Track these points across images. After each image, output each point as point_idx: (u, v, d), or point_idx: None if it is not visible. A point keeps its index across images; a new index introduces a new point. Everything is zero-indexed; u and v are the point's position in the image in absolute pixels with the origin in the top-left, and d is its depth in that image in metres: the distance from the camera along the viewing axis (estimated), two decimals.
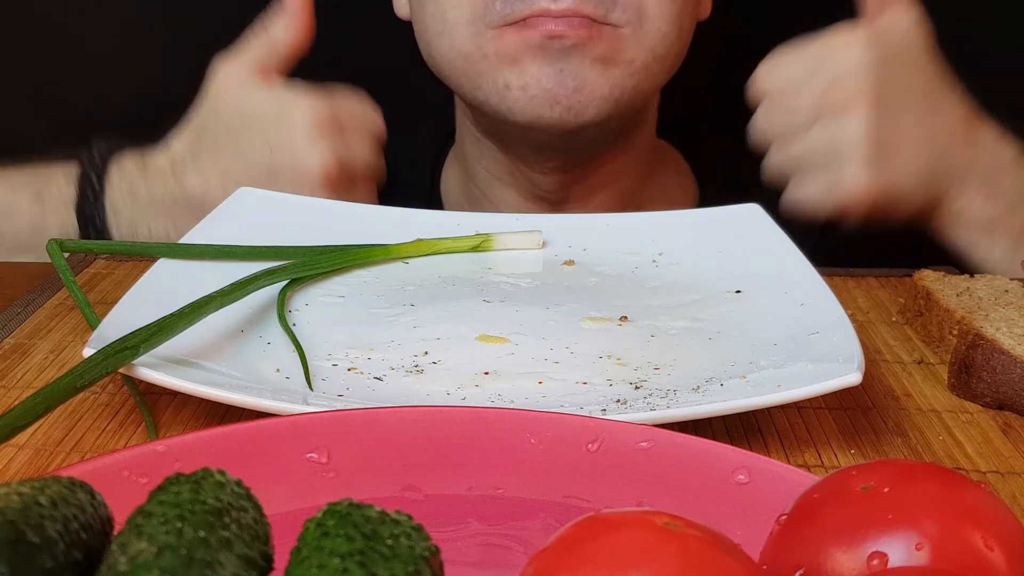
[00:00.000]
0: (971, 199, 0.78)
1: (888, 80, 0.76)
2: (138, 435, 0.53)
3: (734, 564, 0.29)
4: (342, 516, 0.30)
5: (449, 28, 0.82)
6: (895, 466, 0.34)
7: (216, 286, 0.59)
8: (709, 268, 0.70)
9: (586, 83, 0.79)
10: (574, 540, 0.30)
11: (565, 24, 0.78)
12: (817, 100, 0.77)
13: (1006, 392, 0.56)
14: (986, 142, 0.79)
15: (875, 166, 0.76)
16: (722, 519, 0.36)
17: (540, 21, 0.78)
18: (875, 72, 0.76)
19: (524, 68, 0.80)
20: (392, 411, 0.45)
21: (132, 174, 0.83)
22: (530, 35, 0.78)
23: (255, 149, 0.81)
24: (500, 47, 0.80)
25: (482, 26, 0.80)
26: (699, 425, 0.52)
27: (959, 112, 0.78)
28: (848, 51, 0.77)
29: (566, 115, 0.80)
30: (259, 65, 0.82)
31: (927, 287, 0.66)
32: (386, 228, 0.75)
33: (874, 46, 0.77)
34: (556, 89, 0.79)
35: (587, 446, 0.43)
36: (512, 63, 0.80)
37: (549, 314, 0.64)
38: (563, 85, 0.79)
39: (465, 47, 0.81)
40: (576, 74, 0.79)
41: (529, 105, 0.80)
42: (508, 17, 0.79)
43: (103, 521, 0.31)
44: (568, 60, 0.79)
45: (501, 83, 0.81)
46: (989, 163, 0.78)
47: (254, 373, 0.55)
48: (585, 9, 0.77)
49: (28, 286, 0.71)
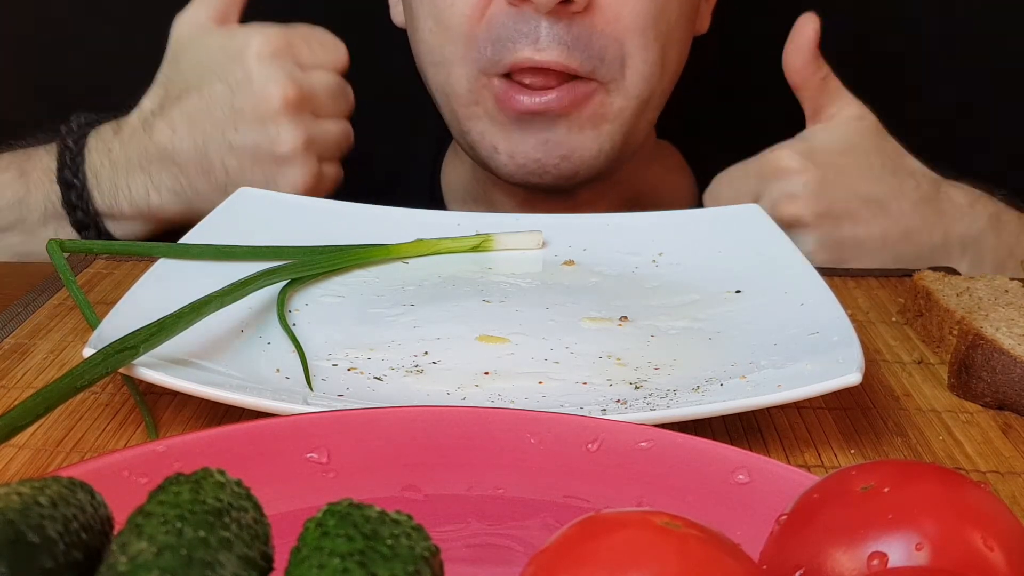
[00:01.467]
0: (957, 267, 0.78)
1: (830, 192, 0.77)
2: (138, 435, 0.53)
3: (734, 564, 0.29)
4: (342, 516, 0.30)
5: (445, 63, 0.82)
6: (895, 466, 0.34)
7: (216, 286, 0.59)
8: (709, 268, 0.70)
9: (574, 150, 0.80)
10: (574, 540, 0.30)
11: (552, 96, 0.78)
12: None
13: (1006, 392, 0.56)
14: (957, 213, 0.79)
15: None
16: (722, 519, 0.36)
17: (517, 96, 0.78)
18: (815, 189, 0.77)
19: (510, 136, 0.80)
20: (392, 411, 0.45)
21: (108, 138, 0.84)
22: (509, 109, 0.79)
23: (216, 91, 0.81)
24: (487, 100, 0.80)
25: (475, 69, 0.80)
26: (699, 425, 0.52)
27: (919, 193, 0.78)
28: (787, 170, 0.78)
29: (556, 181, 0.82)
30: (216, 11, 0.83)
31: (927, 287, 0.66)
32: (386, 228, 0.75)
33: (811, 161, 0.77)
34: (544, 159, 0.80)
35: (587, 446, 0.43)
36: (500, 128, 0.80)
37: (549, 314, 0.64)
38: (550, 155, 0.80)
39: (459, 87, 0.82)
40: (563, 143, 0.80)
41: (518, 172, 0.82)
42: (494, 64, 0.78)
43: (103, 521, 0.31)
44: (554, 129, 0.80)
45: (489, 143, 0.81)
46: (966, 232, 0.78)
47: (254, 373, 0.55)
48: (571, 64, 0.77)
49: (28, 286, 0.71)
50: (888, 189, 0.78)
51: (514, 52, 0.77)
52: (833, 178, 0.77)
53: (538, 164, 0.80)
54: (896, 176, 0.78)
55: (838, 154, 0.78)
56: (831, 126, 0.80)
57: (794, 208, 0.77)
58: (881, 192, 0.78)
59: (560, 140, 0.80)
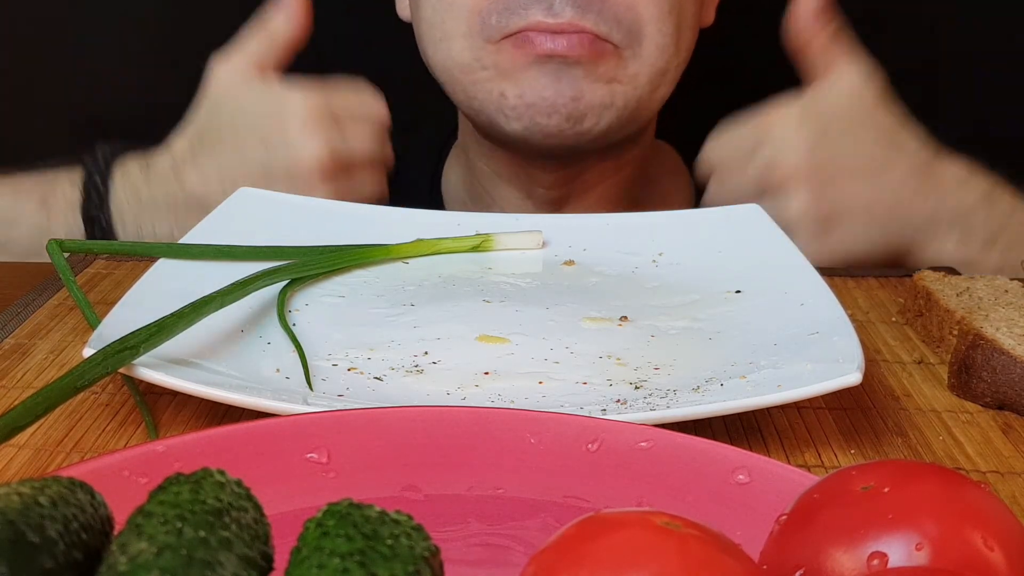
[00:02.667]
0: (943, 243, 0.78)
1: (827, 151, 0.77)
2: (138, 435, 0.53)
3: (734, 564, 0.29)
4: (342, 516, 0.30)
5: (447, 37, 0.81)
6: (895, 466, 0.34)
7: (216, 286, 0.59)
8: (709, 268, 0.70)
9: (584, 93, 0.79)
10: (574, 540, 0.30)
11: (565, 43, 0.77)
12: (759, 177, 0.78)
13: (1006, 392, 0.56)
14: (951, 185, 0.79)
15: (820, 238, 0.77)
16: (722, 519, 0.36)
17: (538, 37, 0.77)
18: (812, 146, 0.77)
19: (520, 78, 0.79)
20: (392, 411, 0.45)
21: (135, 176, 0.83)
22: (527, 52, 0.78)
23: (251, 145, 0.81)
24: (497, 60, 0.80)
25: (479, 39, 0.80)
26: (699, 425, 0.52)
27: (914, 162, 0.78)
28: (784, 128, 0.78)
29: (564, 124, 0.80)
30: (256, 61, 0.83)
31: (927, 287, 0.66)
32: (386, 228, 0.75)
33: (809, 121, 0.77)
34: (554, 98, 0.79)
35: (587, 446, 0.43)
36: (508, 76, 0.80)
37: (549, 314, 0.64)
38: (561, 94, 0.79)
39: (462, 58, 0.81)
40: (575, 86, 0.79)
41: (526, 113, 0.79)
42: (504, 30, 0.78)
43: (103, 521, 0.31)
44: (568, 73, 0.78)
45: (496, 92, 0.80)
46: (957, 206, 0.78)
47: (254, 373, 0.55)
48: (585, 24, 0.77)
49: (28, 286, 0.71)
50: (883, 157, 0.78)
51: (526, 17, 0.77)
52: (831, 139, 0.77)
53: (548, 102, 0.79)
54: (892, 145, 0.79)
55: (837, 117, 0.78)
56: (833, 88, 0.79)
57: (790, 165, 0.77)
58: (876, 160, 0.78)
59: (573, 82, 0.79)
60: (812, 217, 0.77)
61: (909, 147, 0.79)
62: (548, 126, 0.80)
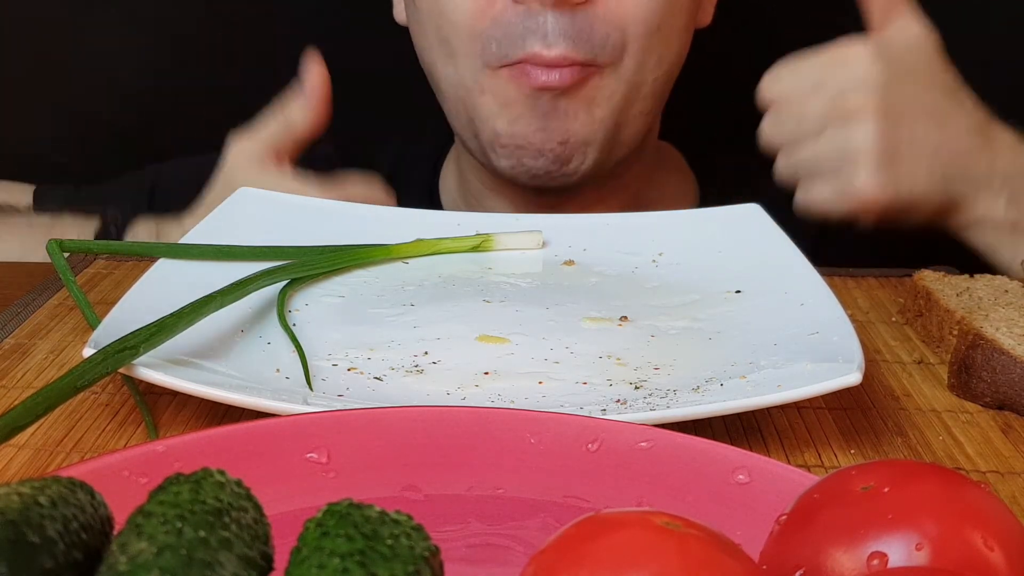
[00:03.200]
0: (993, 204, 0.78)
1: (897, 92, 0.77)
2: (138, 435, 0.53)
3: (734, 564, 0.29)
4: (342, 516, 0.30)
5: (454, 55, 0.82)
6: (895, 466, 0.34)
7: (216, 286, 0.59)
8: (709, 268, 0.70)
9: (570, 135, 0.81)
10: (574, 540, 0.30)
11: (558, 77, 0.79)
12: (825, 109, 0.77)
13: (1006, 392, 0.56)
14: (1003, 148, 0.79)
15: (886, 172, 0.76)
16: (722, 519, 0.36)
17: (534, 71, 0.79)
18: (883, 84, 0.76)
19: (514, 116, 0.81)
20: (392, 411, 0.45)
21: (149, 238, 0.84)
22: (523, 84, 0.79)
23: None
24: (495, 86, 0.81)
25: (480, 62, 0.81)
26: (699, 425, 0.52)
27: (972, 120, 0.79)
28: (856, 63, 0.77)
29: (551, 166, 0.82)
30: (273, 147, 0.83)
31: (927, 287, 0.66)
32: (386, 228, 0.75)
33: (882, 58, 0.77)
34: (542, 143, 0.81)
35: (587, 446, 0.43)
36: (505, 108, 0.81)
37: (549, 314, 0.64)
38: (549, 139, 0.81)
39: (465, 79, 0.82)
40: (563, 128, 0.81)
41: (515, 153, 0.82)
42: (503, 60, 0.79)
43: (103, 521, 0.31)
44: (557, 111, 0.80)
45: (491, 128, 0.82)
46: (1008, 168, 0.79)
47: (254, 373, 0.55)
48: (577, 56, 0.78)
49: (28, 286, 0.71)
50: (950, 104, 0.78)
51: (523, 48, 0.78)
52: (902, 77, 0.77)
53: (535, 147, 0.81)
54: (956, 96, 0.79)
55: (908, 58, 0.78)
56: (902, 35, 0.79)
57: (860, 97, 0.77)
58: (942, 106, 0.78)
59: (561, 122, 0.81)
60: (880, 149, 0.76)
61: (968, 104, 0.79)
62: (535, 167, 0.82)
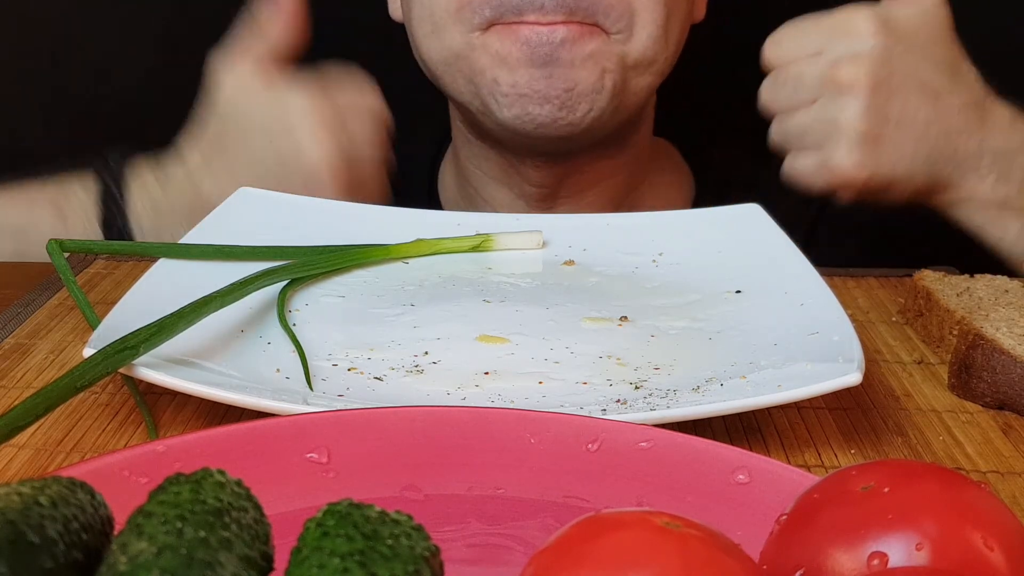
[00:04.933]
0: (982, 181, 0.78)
1: (894, 64, 0.77)
2: (138, 435, 0.53)
3: (734, 564, 0.29)
4: (342, 516, 0.30)
5: (437, 28, 0.82)
6: (895, 466, 0.34)
7: (216, 286, 0.59)
8: (709, 268, 0.70)
9: (576, 82, 0.80)
10: (574, 540, 0.30)
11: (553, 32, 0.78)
12: (820, 76, 0.77)
13: (1006, 392, 0.56)
14: (998, 125, 0.79)
15: (866, 150, 0.76)
16: (722, 519, 0.36)
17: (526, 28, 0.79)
18: (880, 57, 0.76)
19: (514, 68, 0.80)
20: (392, 411, 0.45)
21: (151, 186, 0.84)
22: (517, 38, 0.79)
23: (263, 152, 0.82)
24: (487, 42, 0.80)
25: (468, 26, 0.81)
26: (699, 425, 0.52)
27: (970, 96, 0.79)
28: (858, 31, 0.77)
29: (557, 113, 0.80)
30: (260, 63, 0.83)
31: (927, 287, 0.66)
32: (386, 228, 0.75)
33: (884, 29, 0.77)
34: (546, 89, 0.80)
35: (587, 446, 0.43)
36: (501, 62, 0.80)
37: (549, 314, 0.64)
38: (553, 87, 0.80)
39: (455, 45, 0.82)
40: (566, 76, 0.80)
41: (519, 101, 0.80)
42: (495, 21, 0.79)
43: (103, 521, 0.31)
44: (558, 63, 0.79)
45: (490, 78, 0.81)
46: (1001, 145, 0.78)
47: (254, 373, 0.55)
48: (574, 18, 0.78)
49: (28, 286, 0.71)
50: (946, 80, 0.78)
51: (519, 14, 0.79)
52: (901, 52, 0.77)
53: (540, 94, 0.80)
54: (954, 73, 0.79)
55: (912, 30, 0.78)
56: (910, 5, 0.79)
57: (854, 70, 0.76)
58: (938, 83, 0.78)
59: (564, 73, 0.80)
60: (865, 125, 0.76)
61: (968, 79, 0.79)
62: (540, 115, 0.81)
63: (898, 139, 0.77)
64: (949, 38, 0.79)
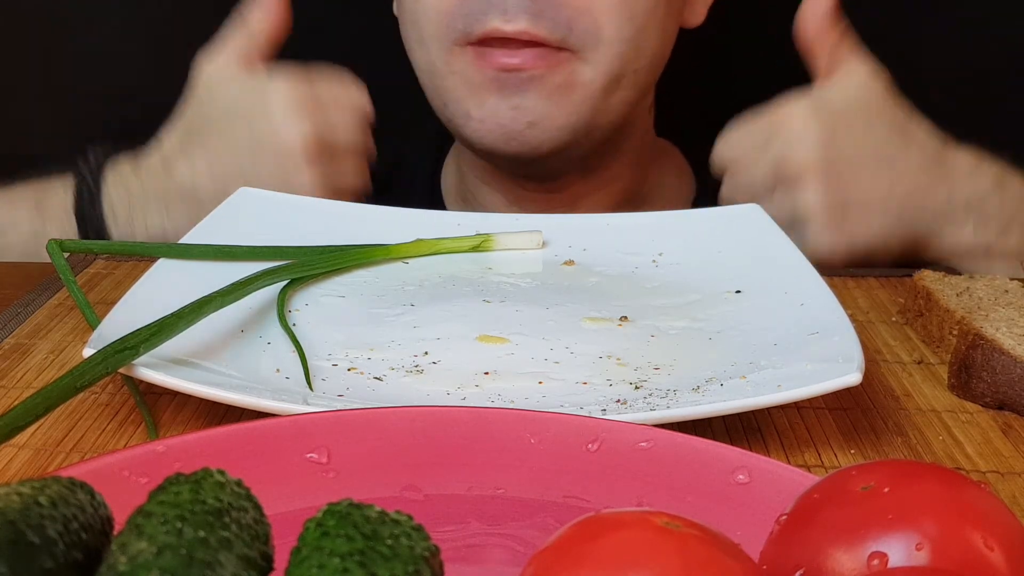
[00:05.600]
0: (959, 231, 0.79)
1: (840, 144, 0.78)
2: (138, 435, 0.53)
3: (734, 564, 0.29)
4: (342, 516, 0.30)
5: (423, 40, 0.83)
6: (895, 466, 0.34)
7: (216, 286, 0.59)
8: (709, 268, 0.70)
9: (541, 118, 0.81)
10: (574, 540, 0.30)
11: (520, 59, 0.79)
12: (772, 171, 0.78)
13: (1006, 392, 0.56)
14: (963, 173, 0.79)
15: (836, 228, 0.77)
16: (722, 519, 0.36)
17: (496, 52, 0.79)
18: (824, 140, 0.77)
19: (483, 99, 0.81)
20: (392, 411, 0.45)
21: (126, 174, 0.84)
22: (487, 64, 0.80)
23: (238, 133, 0.82)
24: (463, 67, 0.81)
25: (448, 42, 0.81)
26: (699, 425, 0.52)
27: (926, 153, 0.79)
28: (797, 121, 0.78)
29: (521, 149, 0.82)
30: (241, 55, 0.83)
31: (927, 287, 0.66)
32: (386, 228, 0.75)
33: (822, 113, 0.78)
34: (511, 125, 0.81)
35: (587, 446, 0.43)
36: (473, 91, 0.81)
37: (549, 314, 0.64)
38: (517, 121, 0.81)
39: (436, 62, 0.83)
40: (531, 109, 0.80)
41: (487, 137, 0.82)
42: (468, 36, 0.80)
43: (103, 521, 0.31)
44: (524, 94, 0.80)
45: (463, 111, 0.82)
46: (970, 194, 0.79)
47: (254, 373, 0.55)
48: (539, 32, 0.78)
49: (28, 286, 0.71)
50: (896, 147, 0.79)
51: (484, 23, 0.79)
52: (843, 132, 0.78)
53: (504, 130, 0.81)
54: (903, 137, 0.79)
55: (847, 112, 0.79)
56: (842, 84, 0.80)
57: (800, 159, 0.77)
58: (887, 152, 0.78)
59: (529, 106, 0.80)
60: (827, 208, 0.77)
61: (918, 138, 0.79)
62: (506, 150, 0.82)
63: (863, 212, 0.78)
64: (891, 104, 0.79)
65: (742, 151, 0.80)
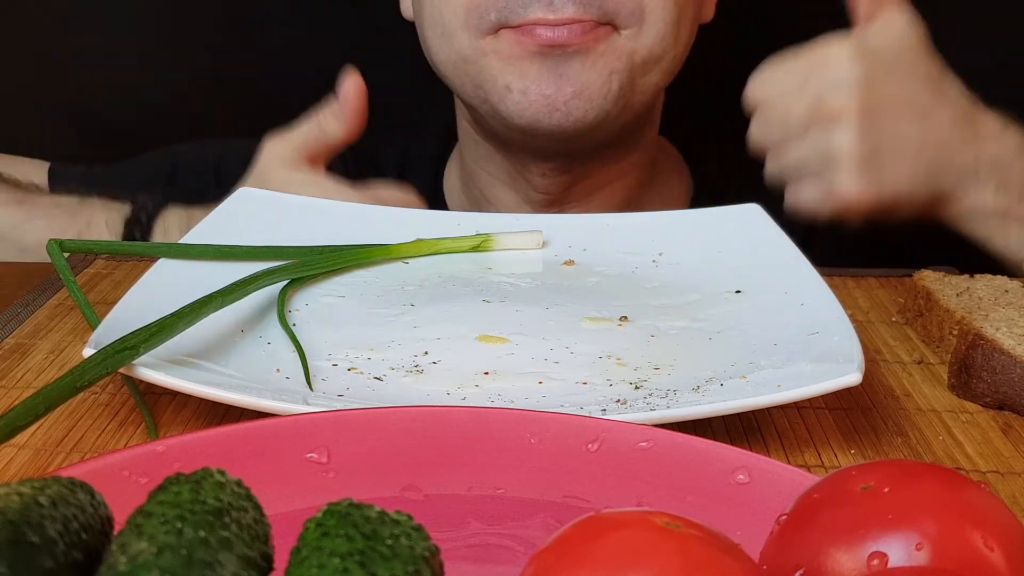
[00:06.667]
0: (980, 193, 0.78)
1: (878, 89, 0.77)
2: (138, 435, 0.53)
3: (734, 564, 0.29)
4: (342, 516, 0.30)
5: (447, 32, 0.83)
6: (895, 466, 0.34)
7: (216, 286, 0.59)
8: (709, 268, 0.70)
9: (585, 87, 0.81)
10: (574, 540, 0.30)
11: (566, 32, 0.79)
12: (808, 111, 0.77)
13: (1006, 392, 0.56)
14: (990, 134, 0.79)
15: (867, 173, 0.76)
16: (722, 519, 0.36)
17: (538, 28, 0.79)
18: (864, 83, 0.77)
19: (524, 70, 0.81)
20: (392, 411, 0.45)
21: (172, 231, 0.84)
22: (527, 41, 0.80)
23: None
24: (498, 47, 0.81)
25: (477, 32, 0.81)
26: (699, 425, 0.52)
27: (958, 110, 0.79)
28: (837, 63, 0.78)
29: (564, 121, 0.81)
30: (307, 151, 0.83)
31: (927, 287, 0.66)
32: (386, 228, 0.75)
33: (863, 56, 0.78)
34: (555, 95, 0.81)
35: (587, 446, 0.43)
36: (511, 64, 0.81)
37: (549, 314, 0.64)
38: (562, 91, 0.81)
39: (464, 49, 0.82)
40: (575, 79, 0.80)
41: (528, 110, 0.81)
42: (504, 24, 0.80)
43: (103, 521, 0.31)
44: (568, 65, 0.80)
45: (502, 84, 0.82)
46: (995, 155, 0.79)
47: (254, 373, 0.55)
48: (586, 16, 0.79)
49: (28, 286, 0.71)
50: (932, 97, 0.79)
51: (525, 15, 0.79)
52: (881, 78, 0.78)
53: (548, 101, 0.81)
54: (938, 89, 0.79)
55: (888, 56, 0.79)
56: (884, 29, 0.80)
57: (841, 99, 0.77)
58: (923, 101, 0.78)
59: (573, 76, 0.81)
60: (861, 151, 0.76)
61: (951, 94, 0.79)
62: (549, 123, 0.82)
63: (895, 159, 0.77)
64: (928, 55, 0.79)
65: (777, 88, 0.79)
